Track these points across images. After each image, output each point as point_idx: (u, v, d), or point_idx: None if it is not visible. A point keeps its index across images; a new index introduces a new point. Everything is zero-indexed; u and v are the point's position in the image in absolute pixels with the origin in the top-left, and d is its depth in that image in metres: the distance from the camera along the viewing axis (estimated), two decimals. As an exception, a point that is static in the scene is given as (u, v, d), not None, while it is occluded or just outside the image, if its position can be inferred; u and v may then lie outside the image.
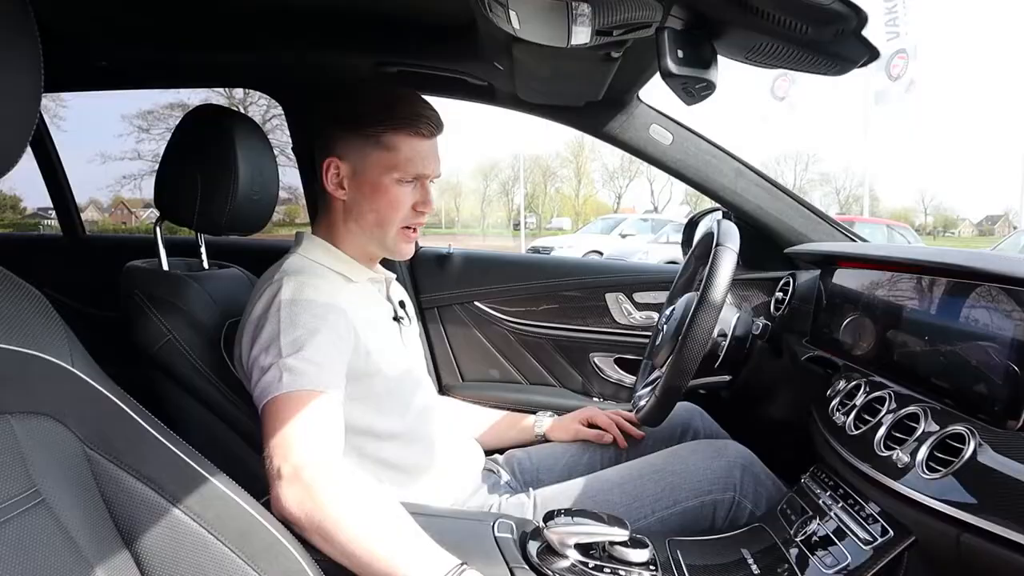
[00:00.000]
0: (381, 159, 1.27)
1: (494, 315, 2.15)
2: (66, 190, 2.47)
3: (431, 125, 1.28)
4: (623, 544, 1.07)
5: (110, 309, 1.35)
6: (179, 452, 0.89)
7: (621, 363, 2.11)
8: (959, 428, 0.94)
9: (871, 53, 0.98)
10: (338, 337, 1.18)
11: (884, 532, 1.00)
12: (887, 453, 1.03)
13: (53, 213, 2.54)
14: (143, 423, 0.87)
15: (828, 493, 1.18)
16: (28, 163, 2.46)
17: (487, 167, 42.96)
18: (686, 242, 2.08)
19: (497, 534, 1.10)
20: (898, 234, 14.18)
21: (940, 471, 0.92)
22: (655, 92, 1.81)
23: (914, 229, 18.92)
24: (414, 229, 1.33)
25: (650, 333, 1.87)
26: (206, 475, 0.90)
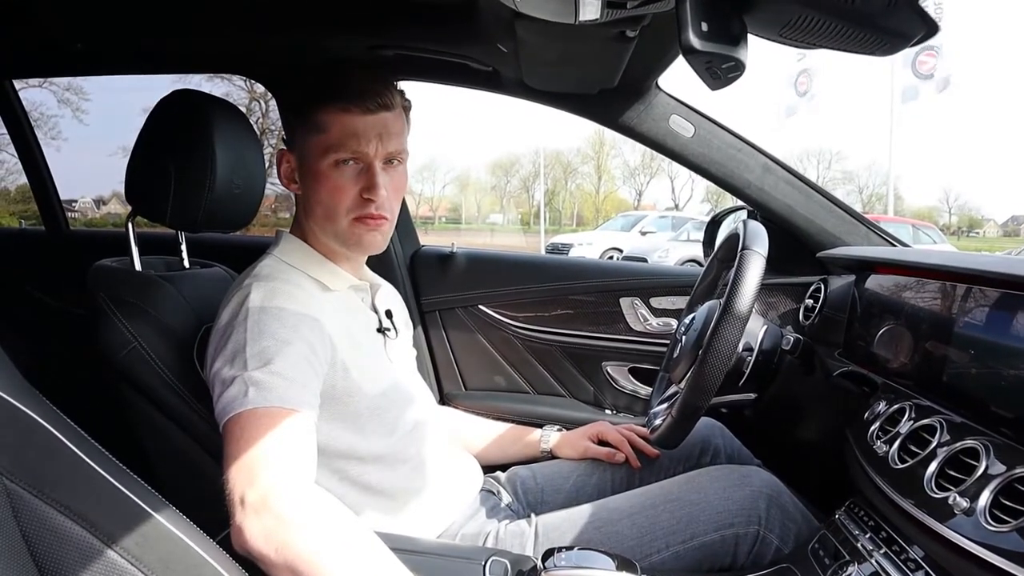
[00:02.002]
0: (316, 142, 1.15)
1: (499, 319, 2.02)
2: (48, 183, 2.36)
3: (366, 98, 1.14)
4: (632, 591, 0.94)
5: None
6: (118, 484, 0.76)
7: (636, 373, 1.97)
8: (1031, 471, 0.80)
9: (928, 27, 0.84)
10: (311, 350, 1.06)
11: (937, 588, 0.86)
12: (940, 495, 0.89)
13: (76, 205, 2.46)
14: (76, 449, 0.75)
15: (868, 535, 1.04)
16: (51, 154, 2.38)
17: (507, 163, 42.99)
18: (708, 243, 1.95)
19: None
20: (923, 234, 13.90)
21: (1009, 522, 0.78)
22: (675, 80, 1.68)
23: (938, 229, 18.55)
24: (375, 219, 1.18)
25: (668, 341, 1.73)
26: (149, 511, 0.77)
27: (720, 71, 0.92)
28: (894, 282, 1.30)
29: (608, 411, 1.97)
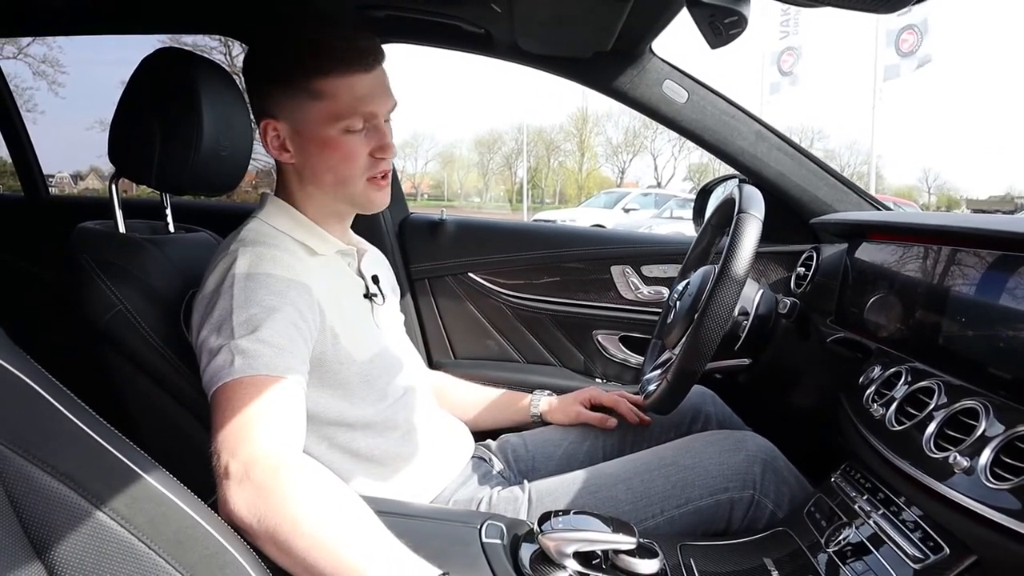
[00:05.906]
0: (321, 110, 1.10)
1: (489, 287, 2.00)
2: (28, 149, 2.30)
3: (365, 56, 1.10)
4: (630, 553, 0.93)
5: None
6: (105, 443, 0.74)
7: (627, 342, 1.96)
8: (1032, 429, 0.80)
9: (936, -19, 0.82)
10: (300, 316, 1.03)
11: (937, 548, 0.86)
12: (940, 455, 0.88)
13: (53, 180, 2.40)
14: (62, 408, 0.72)
15: (865, 497, 1.03)
16: (31, 128, 2.31)
17: (490, 140, 42.83)
18: (698, 212, 1.94)
19: (485, 540, 0.96)
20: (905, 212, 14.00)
21: (1010, 480, 0.78)
22: (669, 46, 1.66)
23: (919, 208, 18.70)
24: (383, 176, 1.17)
25: (659, 310, 1.72)
26: (138, 471, 0.75)
27: (722, 26, 0.90)
28: (886, 249, 1.29)
29: (598, 380, 1.96)
